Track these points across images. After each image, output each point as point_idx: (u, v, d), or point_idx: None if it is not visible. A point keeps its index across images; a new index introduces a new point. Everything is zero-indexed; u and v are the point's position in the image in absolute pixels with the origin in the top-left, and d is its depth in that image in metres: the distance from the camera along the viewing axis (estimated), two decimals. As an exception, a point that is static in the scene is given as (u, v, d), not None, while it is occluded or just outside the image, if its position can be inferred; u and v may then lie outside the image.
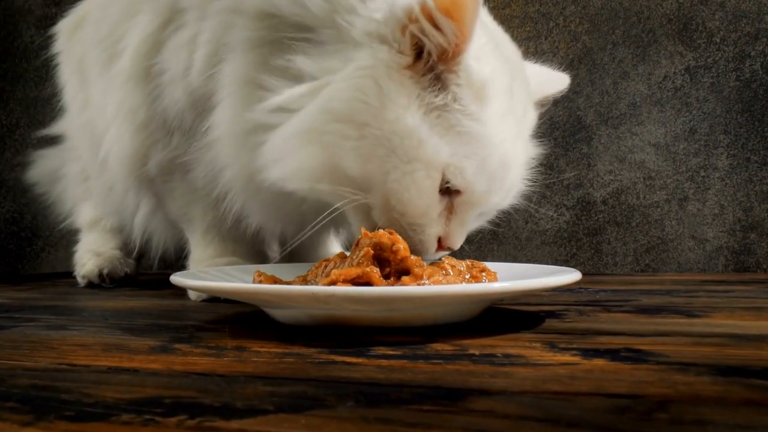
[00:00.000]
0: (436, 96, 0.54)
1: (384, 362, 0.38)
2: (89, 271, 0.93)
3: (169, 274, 0.56)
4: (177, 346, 0.44)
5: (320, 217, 0.57)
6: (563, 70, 1.13)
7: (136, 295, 0.80)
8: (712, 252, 1.08)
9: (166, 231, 0.82)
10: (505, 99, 0.56)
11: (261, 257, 0.78)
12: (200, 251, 0.75)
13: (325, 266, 0.51)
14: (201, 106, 0.64)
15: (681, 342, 0.43)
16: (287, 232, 0.71)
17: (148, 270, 1.10)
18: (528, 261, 1.14)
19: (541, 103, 0.68)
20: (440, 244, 0.58)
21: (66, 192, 1.04)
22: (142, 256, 0.96)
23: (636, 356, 0.38)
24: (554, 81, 0.69)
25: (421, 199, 0.54)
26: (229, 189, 0.65)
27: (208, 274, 0.59)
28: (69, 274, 1.02)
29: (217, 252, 0.74)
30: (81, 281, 0.94)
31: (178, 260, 0.85)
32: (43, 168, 1.09)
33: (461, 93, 0.54)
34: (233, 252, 0.74)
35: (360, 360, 0.38)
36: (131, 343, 0.45)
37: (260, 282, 0.51)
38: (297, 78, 0.56)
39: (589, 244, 1.12)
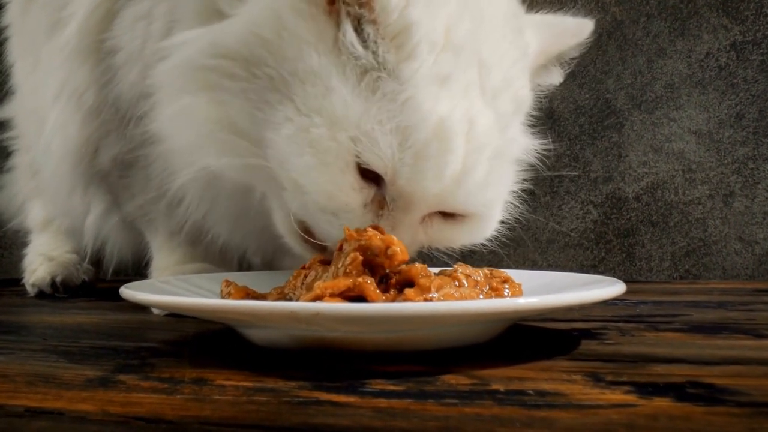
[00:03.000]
0: (353, 36, 0.46)
1: (383, 402, 0.32)
2: (40, 278, 0.88)
3: (135, 282, 0.51)
4: (121, 377, 0.38)
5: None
6: (590, 46, 1.09)
7: (91, 307, 0.74)
8: (762, 256, 1.03)
9: (123, 236, 0.77)
10: (450, 57, 0.47)
11: (239, 263, 0.72)
12: (164, 256, 0.70)
13: (305, 276, 0.45)
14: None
15: (759, 373, 0.37)
16: (261, 249, 0.66)
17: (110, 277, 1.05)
18: (550, 266, 1.10)
19: (558, 60, 0.60)
20: None
21: (14, 186, 0.99)
22: (99, 261, 0.91)
23: (708, 394, 0.32)
24: (571, 31, 0.59)
25: (323, 172, 0.46)
26: (184, 194, 0.60)
27: (169, 284, 0.53)
28: (19, 281, 0.96)
29: (184, 257, 0.69)
30: (30, 290, 0.90)
31: (139, 267, 0.80)
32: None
33: (376, 35, 0.46)
34: (204, 257, 0.68)
35: (352, 399, 0.32)
36: (65, 374, 0.39)
37: (228, 294, 0.45)
38: None
39: (620, 246, 1.08)
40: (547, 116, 1.10)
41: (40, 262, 0.90)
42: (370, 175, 0.47)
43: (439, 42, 0.47)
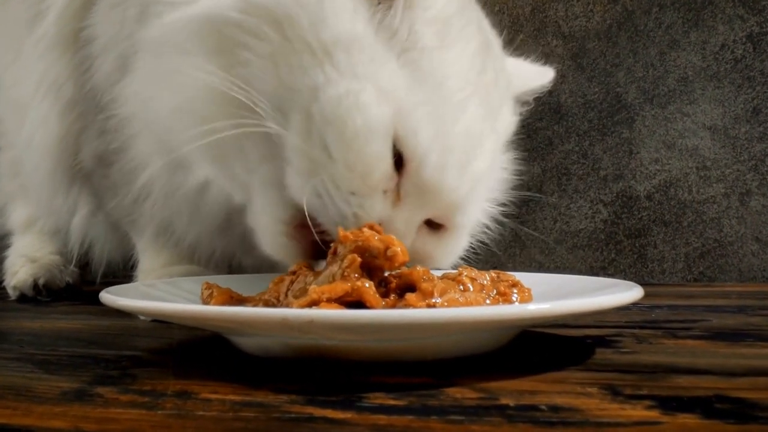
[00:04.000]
0: (392, 14, 0.47)
1: (382, 419, 0.30)
2: (21, 280, 0.86)
3: (118, 285, 0.49)
4: (99, 389, 0.36)
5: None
6: (599, 38, 1.08)
7: (73, 311, 0.73)
8: (780, 257, 1.01)
9: (112, 237, 0.76)
10: (476, 62, 0.50)
11: (229, 266, 0.70)
12: (150, 258, 0.69)
13: (292, 281, 0.43)
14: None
15: (790, 385, 0.35)
16: (235, 254, 0.65)
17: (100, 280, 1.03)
18: (557, 268, 1.08)
19: (520, 99, 0.62)
20: None
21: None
22: (87, 264, 0.89)
23: (738, 410, 0.30)
24: (535, 74, 0.64)
25: (368, 138, 0.45)
26: (149, 192, 0.60)
27: (154, 288, 0.52)
28: (0, 284, 0.94)
29: (170, 259, 0.67)
30: (12, 293, 0.87)
31: (129, 270, 0.78)
32: None
33: (418, 17, 0.48)
34: (190, 258, 0.67)
35: (348, 415, 0.31)
36: (39, 386, 0.38)
37: (210, 296, 0.43)
38: None
39: (631, 247, 1.06)
40: (555, 111, 1.09)
41: (22, 263, 0.88)
42: (398, 166, 0.47)
43: (470, 44, 0.50)
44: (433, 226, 0.51)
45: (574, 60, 1.09)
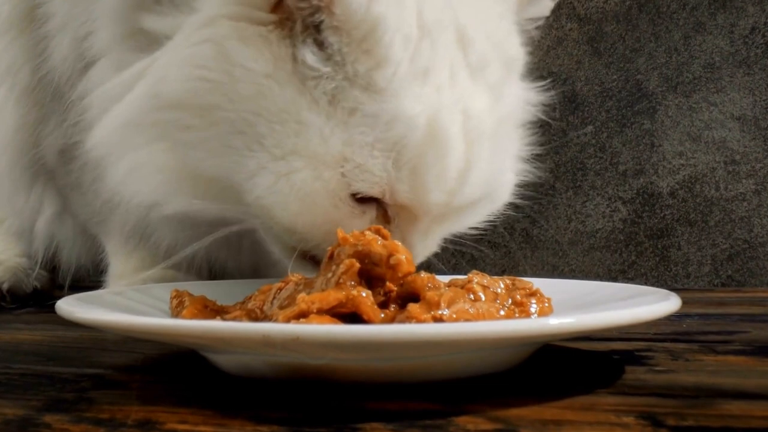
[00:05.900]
0: (313, 53, 0.45)
1: (379, 456, 0.27)
2: (-18, 285, 0.83)
3: (80, 293, 0.48)
4: (48, 417, 0.33)
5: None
6: (617, 21, 1.07)
7: (38, 321, 0.70)
8: (816, 260, 1.00)
9: (81, 240, 0.74)
10: (426, 45, 0.46)
11: (211, 269, 0.67)
12: (121, 262, 0.67)
13: (279, 289, 0.40)
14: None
15: None
16: (219, 258, 0.64)
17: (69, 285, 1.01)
18: (572, 271, 1.07)
19: None
20: None
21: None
22: (54, 268, 0.86)
23: (805, 446, 0.27)
24: None
25: (315, 214, 0.46)
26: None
27: (122, 296, 0.49)
28: (-37, 290, 0.92)
29: (143, 262, 0.65)
30: (-27, 300, 0.84)
31: (99, 275, 0.76)
32: None
33: (340, 43, 0.44)
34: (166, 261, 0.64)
35: (339, 452, 0.27)
36: (-21, 412, 0.34)
37: (180, 304, 0.41)
38: (154, 45, 0.49)
39: (653, 249, 1.05)
40: (569, 100, 1.07)
41: (-16, 266, 0.85)
42: (366, 198, 0.47)
43: (412, 33, 0.45)
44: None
45: (591, 44, 1.07)
